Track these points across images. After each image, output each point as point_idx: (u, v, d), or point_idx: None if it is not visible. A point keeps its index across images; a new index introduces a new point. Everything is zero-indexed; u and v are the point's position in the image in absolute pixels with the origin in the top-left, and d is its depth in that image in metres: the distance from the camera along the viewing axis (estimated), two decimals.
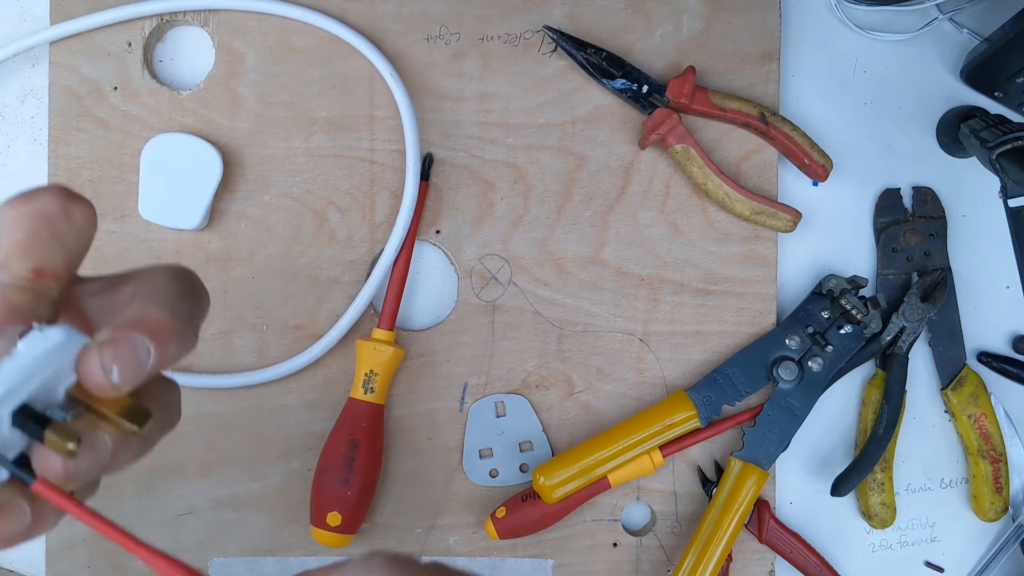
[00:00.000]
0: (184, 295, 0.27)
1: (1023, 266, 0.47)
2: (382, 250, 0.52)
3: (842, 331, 0.53)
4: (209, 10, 0.52)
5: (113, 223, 0.52)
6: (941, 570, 0.56)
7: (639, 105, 0.53)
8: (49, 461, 0.25)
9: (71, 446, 0.25)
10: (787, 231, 0.53)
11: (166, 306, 0.26)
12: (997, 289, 0.56)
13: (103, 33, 0.52)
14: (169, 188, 0.51)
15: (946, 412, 0.56)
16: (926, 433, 0.56)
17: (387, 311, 0.51)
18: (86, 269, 0.55)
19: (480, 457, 0.53)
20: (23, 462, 0.26)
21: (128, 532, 0.25)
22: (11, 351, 0.24)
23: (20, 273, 0.25)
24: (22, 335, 0.25)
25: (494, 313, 0.53)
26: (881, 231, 0.55)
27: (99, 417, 0.26)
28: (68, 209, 0.26)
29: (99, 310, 0.28)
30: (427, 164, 0.53)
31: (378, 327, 0.51)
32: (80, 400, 0.26)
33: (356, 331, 0.52)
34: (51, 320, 0.26)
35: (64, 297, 0.27)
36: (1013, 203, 0.47)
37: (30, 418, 0.25)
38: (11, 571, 0.53)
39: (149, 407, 0.27)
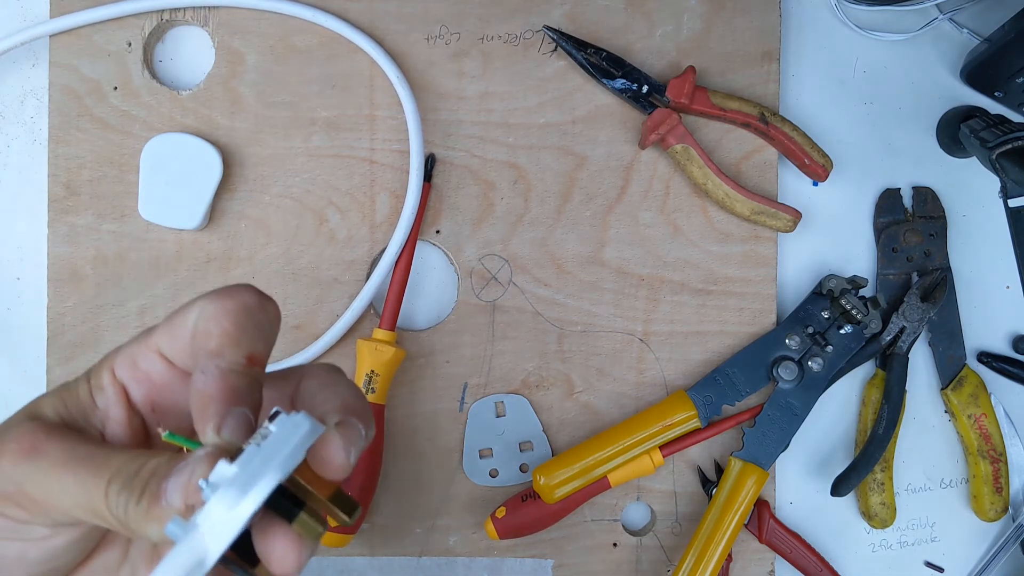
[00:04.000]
0: (355, 386, 0.29)
1: (1023, 266, 0.47)
2: (382, 250, 0.52)
3: (842, 331, 0.53)
4: (209, 8, 0.52)
5: (113, 223, 0.52)
6: (941, 570, 0.56)
7: (639, 105, 0.53)
8: (278, 548, 0.25)
9: (320, 529, 0.25)
10: (787, 231, 0.53)
11: (357, 395, 0.28)
12: (997, 289, 0.56)
13: (103, 33, 0.52)
14: (169, 188, 0.51)
15: (946, 412, 0.56)
16: (926, 433, 0.56)
17: (388, 312, 0.51)
18: (86, 269, 0.54)
19: (480, 457, 0.53)
20: (243, 540, 0.26)
21: None
22: (263, 432, 0.25)
23: (236, 359, 0.27)
24: (272, 419, 0.25)
25: (494, 313, 0.53)
26: (881, 231, 0.55)
27: (316, 504, 0.27)
28: (263, 303, 0.28)
29: (270, 400, 0.29)
30: (429, 165, 0.53)
31: (379, 327, 0.51)
32: (303, 484, 0.26)
33: (356, 331, 0.52)
34: (259, 403, 0.27)
35: None
36: (1013, 203, 0.47)
37: (286, 498, 0.25)
38: None
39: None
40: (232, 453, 0.25)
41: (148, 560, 0.30)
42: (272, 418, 0.26)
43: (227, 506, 0.24)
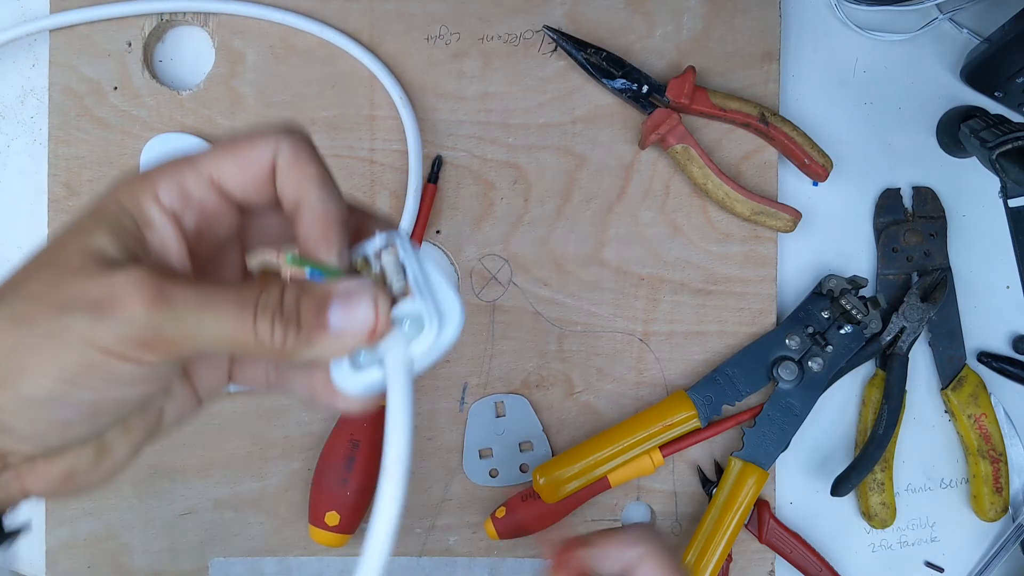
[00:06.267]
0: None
1: (1023, 266, 0.47)
2: None
3: (842, 331, 0.53)
4: (209, 13, 0.52)
5: None
6: (941, 570, 0.56)
7: (639, 105, 0.53)
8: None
9: None
10: (787, 231, 0.53)
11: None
12: (997, 289, 0.56)
13: (103, 33, 0.52)
14: None
15: (946, 412, 0.56)
16: (926, 433, 0.56)
17: None
18: None
19: (480, 457, 0.53)
20: None
21: None
22: (388, 255, 0.28)
23: (336, 190, 0.28)
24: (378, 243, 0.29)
25: (494, 313, 0.53)
26: (881, 231, 0.55)
27: None
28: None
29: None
30: (436, 167, 0.53)
31: None
32: None
33: None
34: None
35: None
36: (1013, 203, 0.47)
37: None
38: (12, 571, 0.52)
39: None
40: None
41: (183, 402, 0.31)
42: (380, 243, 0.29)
43: (435, 333, 0.27)
